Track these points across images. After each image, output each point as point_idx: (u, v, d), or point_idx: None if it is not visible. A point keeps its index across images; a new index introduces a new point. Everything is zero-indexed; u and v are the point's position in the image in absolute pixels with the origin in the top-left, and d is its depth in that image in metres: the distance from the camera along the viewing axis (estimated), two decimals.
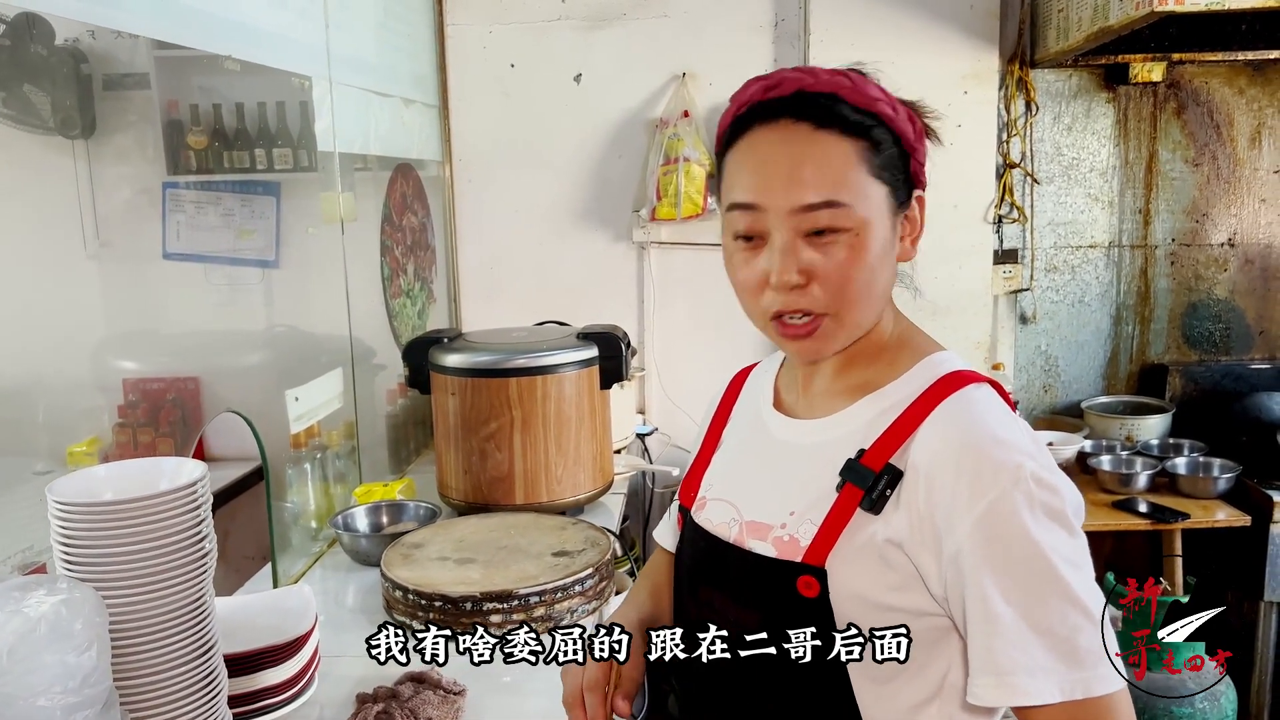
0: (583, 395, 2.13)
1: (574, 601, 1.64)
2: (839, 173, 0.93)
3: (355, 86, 2.32)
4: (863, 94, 0.96)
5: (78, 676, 0.84)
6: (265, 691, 1.35)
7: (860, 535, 0.93)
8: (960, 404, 0.94)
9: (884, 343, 1.03)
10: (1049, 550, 0.86)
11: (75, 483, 1.18)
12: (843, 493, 0.95)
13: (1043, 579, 0.86)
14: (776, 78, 0.97)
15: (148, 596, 1.11)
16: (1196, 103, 3.00)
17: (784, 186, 0.93)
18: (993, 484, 0.87)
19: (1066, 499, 0.89)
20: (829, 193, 0.93)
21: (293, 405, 1.96)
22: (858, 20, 2.87)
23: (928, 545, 0.90)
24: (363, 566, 1.96)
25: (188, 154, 2.83)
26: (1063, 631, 0.85)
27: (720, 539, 1.05)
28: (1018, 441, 0.90)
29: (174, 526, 1.13)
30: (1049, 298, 3.12)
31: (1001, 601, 0.85)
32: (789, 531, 0.98)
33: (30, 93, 2.62)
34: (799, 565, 0.95)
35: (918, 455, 0.92)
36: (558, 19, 3.00)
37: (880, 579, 0.92)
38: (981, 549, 0.86)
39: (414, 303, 2.77)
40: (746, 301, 1.00)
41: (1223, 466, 2.68)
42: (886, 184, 0.96)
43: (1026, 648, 0.85)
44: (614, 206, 3.07)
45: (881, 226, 0.95)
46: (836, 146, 0.94)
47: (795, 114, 0.95)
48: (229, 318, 2.96)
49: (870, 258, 0.94)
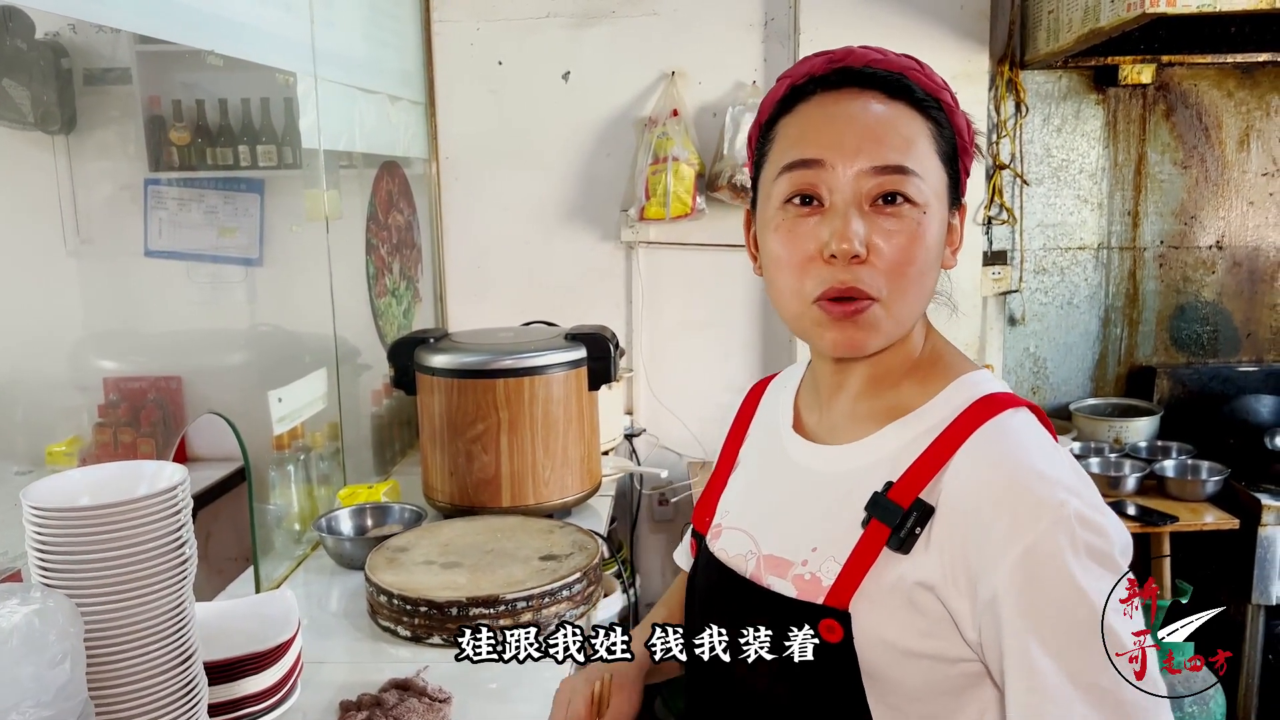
0: (571, 397, 2.11)
1: (562, 606, 1.62)
2: (912, 141, 0.88)
3: (340, 83, 2.29)
4: (930, 79, 0.92)
5: (51, 690, 0.81)
6: (246, 700, 1.32)
7: (887, 577, 0.86)
8: (997, 432, 0.87)
9: (914, 359, 0.96)
10: (1094, 596, 0.79)
11: (51, 487, 1.15)
12: (868, 529, 0.88)
13: (1087, 628, 0.78)
14: (843, 51, 0.92)
15: (126, 604, 1.08)
16: (1185, 105, 3.00)
17: (855, 143, 0.87)
18: (1033, 523, 0.80)
19: (1114, 540, 0.82)
20: (902, 158, 0.87)
21: (276, 406, 1.93)
22: (848, 19, 2.86)
23: (961, 588, 0.83)
24: (347, 570, 1.93)
25: (170, 150, 2.79)
26: (1107, 684, 0.78)
27: (736, 572, 0.98)
28: (1060, 476, 0.83)
29: (153, 532, 1.10)
30: (1038, 299, 3.11)
31: (1041, 652, 0.79)
32: (810, 569, 0.91)
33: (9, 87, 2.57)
34: (821, 608, 0.88)
35: (950, 490, 0.85)
36: (546, 16, 2.97)
37: (909, 624, 0.86)
38: (1020, 594, 0.80)
39: (399, 302, 2.74)
40: (786, 280, 0.91)
41: (1211, 469, 2.68)
42: (947, 173, 0.91)
43: (1069, 703, 0.78)
44: (602, 206, 3.05)
45: (940, 215, 0.90)
46: (909, 117, 0.89)
47: (864, 84, 0.90)
48: (211, 316, 2.92)
49: (930, 243, 0.88)
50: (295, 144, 2.67)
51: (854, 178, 0.87)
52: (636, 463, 2.94)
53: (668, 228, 2.94)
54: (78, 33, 2.73)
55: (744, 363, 3.01)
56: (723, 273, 3.01)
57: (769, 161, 0.94)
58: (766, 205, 0.93)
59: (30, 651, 0.80)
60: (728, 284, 3.01)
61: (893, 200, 0.87)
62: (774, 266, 0.92)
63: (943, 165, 0.91)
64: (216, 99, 2.78)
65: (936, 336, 0.99)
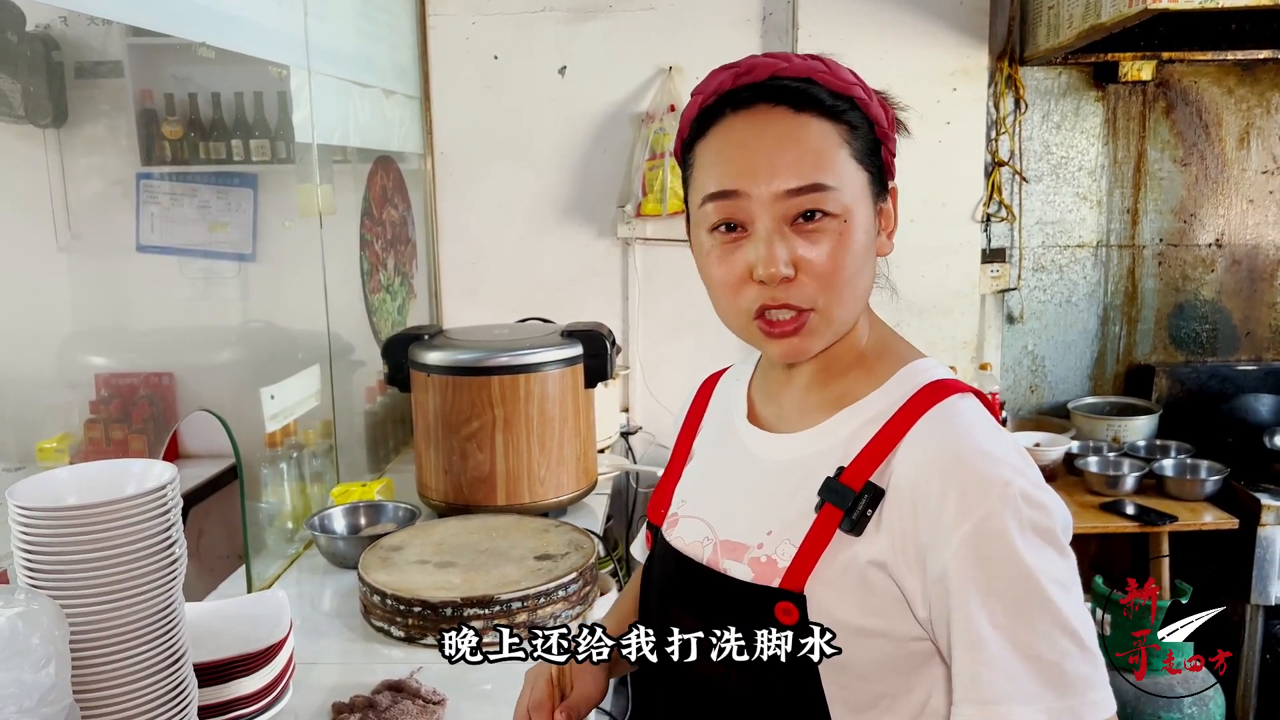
0: (566, 394, 2.09)
1: (557, 607, 1.60)
2: (823, 155, 0.89)
3: (334, 76, 2.27)
4: (838, 78, 0.92)
5: (35, 695, 0.79)
6: (237, 702, 1.30)
7: (841, 558, 0.88)
8: (944, 416, 0.89)
9: (861, 349, 0.98)
10: (1038, 572, 0.81)
11: (37, 485, 1.13)
12: (821, 513, 0.90)
13: (1031, 602, 0.81)
14: (747, 64, 0.92)
15: (114, 606, 1.06)
16: (1185, 102, 2.99)
17: (767, 170, 0.88)
18: (980, 502, 0.82)
19: (1056, 517, 0.85)
20: (815, 175, 0.88)
21: (268, 403, 1.91)
22: (846, 15, 2.84)
23: (911, 567, 0.86)
24: (340, 569, 1.91)
25: (162, 144, 2.77)
26: (1052, 657, 0.81)
27: (692, 559, 1.00)
28: (1005, 456, 0.86)
29: (142, 532, 1.08)
30: (1036, 297, 3.10)
31: (988, 625, 0.81)
32: (766, 552, 0.93)
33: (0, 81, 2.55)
34: (776, 590, 0.90)
35: (900, 472, 0.87)
36: (542, 10, 2.95)
37: (861, 603, 0.88)
38: (968, 570, 0.82)
39: (394, 298, 2.72)
40: (725, 301, 0.94)
41: (1210, 469, 2.66)
42: (866, 170, 0.92)
43: (1013, 675, 0.80)
44: (598, 202, 3.02)
45: (865, 215, 0.92)
46: (817, 129, 0.90)
47: (771, 99, 0.90)
48: (204, 312, 2.89)
49: (856, 247, 0.90)
50: (289, 138, 2.64)
51: (770, 202, 0.88)
52: (632, 460, 2.92)
53: (664, 224, 2.92)
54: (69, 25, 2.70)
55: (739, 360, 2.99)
56: None
57: (693, 186, 0.96)
58: (698, 228, 0.95)
59: (13, 655, 0.78)
60: None
61: (812, 216, 0.89)
62: (712, 287, 0.95)
63: (860, 165, 0.92)
64: (209, 93, 2.75)
65: (881, 326, 1.01)
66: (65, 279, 2.76)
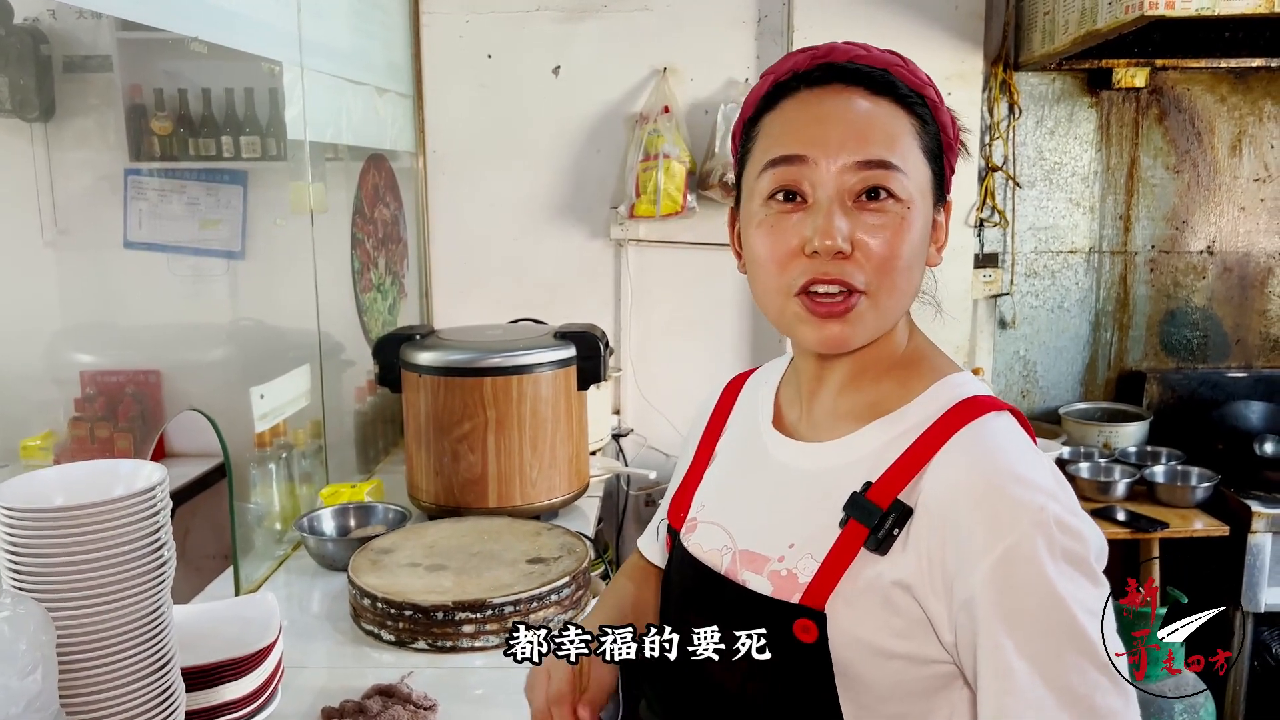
0: (559, 396, 2.08)
1: (550, 611, 1.59)
2: (896, 138, 0.88)
3: (327, 73, 2.24)
4: (915, 75, 0.92)
5: (21, 702, 0.77)
6: (225, 707, 1.28)
7: (864, 577, 0.86)
8: (978, 435, 0.87)
9: (896, 357, 0.95)
10: (1070, 600, 0.79)
11: (23, 486, 1.10)
12: (846, 529, 0.87)
13: (1062, 632, 0.79)
14: (826, 47, 0.92)
15: (101, 609, 1.04)
16: (1179, 109, 2.99)
17: (840, 138, 0.87)
18: (1012, 527, 0.80)
19: (1090, 544, 0.82)
20: (886, 153, 0.87)
21: (258, 403, 1.89)
22: (841, 18, 2.83)
23: (938, 590, 0.83)
24: (329, 571, 1.89)
25: (151, 140, 2.73)
26: (1081, 690, 0.78)
27: (711, 569, 0.97)
28: (1040, 480, 0.83)
29: (130, 534, 1.06)
30: (1029, 303, 3.10)
31: (1016, 654, 0.79)
32: (787, 566, 0.90)
33: None
34: (797, 607, 0.88)
35: (930, 491, 0.85)
36: (536, 10, 2.93)
37: (884, 624, 0.85)
38: (997, 597, 0.80)
39: (385, 298, 2.70)
40: (768, 275, 0.91)
41: (1201, 475, 2.67)
42: (931, 168, 0.91)
43: (1041, 706, 0.78)
44: (592, 202, 3.01)
45: (925, 210, 0.90)
46: (893, 113, 0.89)
47: (848, 80, 0.90)
48: (192, 310, 2.86)
49: (914, 237, 0.88)
50: (280, 135, 2.62)
51: (837, 173, 0.87)
52: (624, 463, 2.91)
53: (658, 225, 2.91)
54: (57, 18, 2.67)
55: (733, 363, 2.98)
56: (713, 272, 2.97)
57: (752, 158, 0.94)
58: (750, 201, 0.93)
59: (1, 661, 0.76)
60: (718, 283, 2.98)
61: (876, 195, 0.87)
62: (757, 262, 0.92)
63: (927, 162, 0.90)
64: (200, 88, 2.72)
65: (920, 336, 0.99)
66: (51, 275, 2.73)
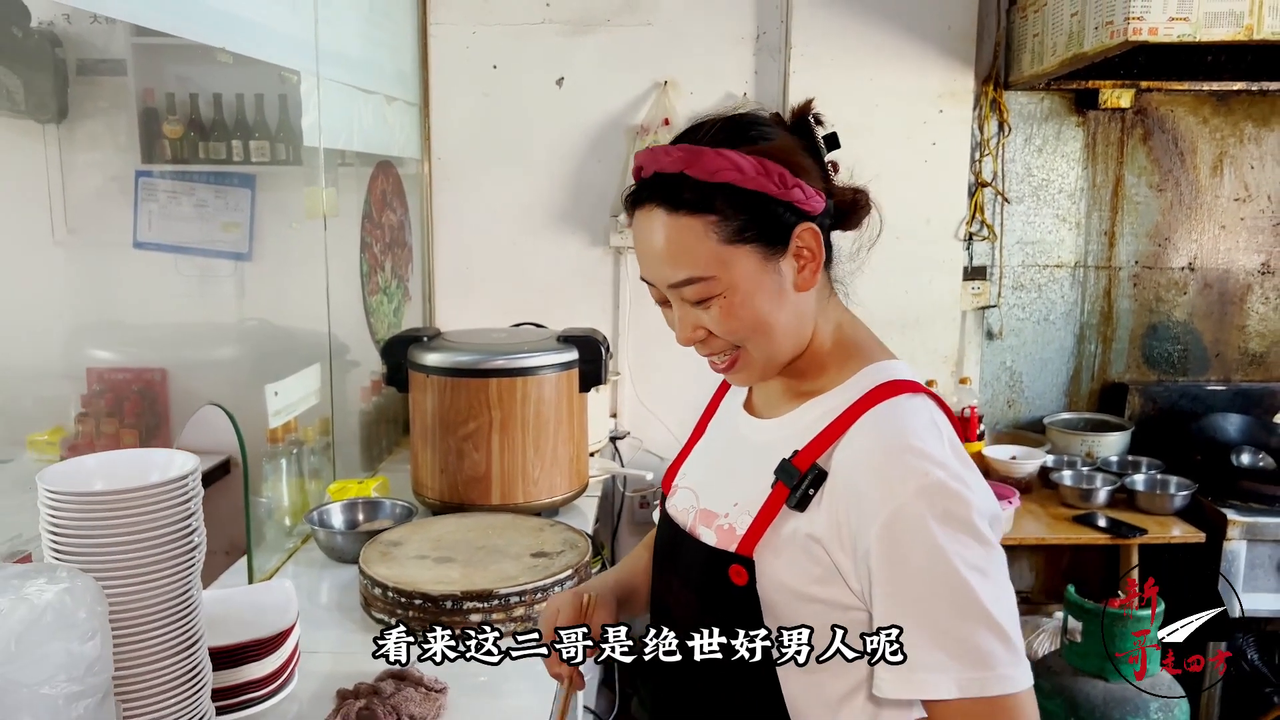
0: (562, 398, 2.15)
1: None
2: (693, 250, 1.00)
3: (341, 82, 2.31)
4: (705, 168, 0.99)
5: (81, 665, 0.83)
6: (247, 686, 1.34)
7: (785, 530, 1.00)
8: (887, 411, 0.99)
9: (824, 354, 1.09)
10: (952, 555, 0.90)
11: (66, 471, 1.17)
12: (774, 489, 1.01)
13: (945, 583, 0.91)
14: (641, 159, 1.05)
15: (137, 587, 1.10)
16: (1162, 130, 3.09)
17: (656, 267, 1.04)
18: (900, 490, 0.92)
19: (974, 507, 0.93)
20: (688, 270, 1.01)
21: (272, 399, 1.95)
22: (838, 37, 2.92)
23: (844, 545, 0.96)
24: (337, 563, 1.95)
25: (163, 143, 2.80)
26: (961, 634, 0.90)
27: (679, 526, 1.13)
28: (931, 451, 0.95)
29: (166, 518, 1.13)
30: (1015, 315, 3.18)
31: (905, 601, 0.92)
32: (729, 521, 1.05)
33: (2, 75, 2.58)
34: (731, 555, 1.02)
35: (840, 458, 0.98)
36: (541, 22, 3.01)
37: (804, 571, 0.99)
38: (887, 552, 0.92)
39: (390, 300, 2.76)
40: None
41: (1179, 484, 2.75)
42: (747, 243, 1.00)
43: (927, 647, 0.90)
44: (591, 210, 3.08)
45: (753, 281, 1.01)
46: (688, 226, 1.00)
47: (653, 198, 1.03)
48: (199, 310, 2.93)
49: (752, 308, 1.02)
50: (288, 140, 2.68)
51: (667, 290, 1.05)
52: (621, 465, 2.98)
53: None
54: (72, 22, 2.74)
55: None
56: None
57: None
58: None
59: (62, 628, 0.83)
60: None
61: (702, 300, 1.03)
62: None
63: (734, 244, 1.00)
64: (211, 93, 2.79)
65: (851, 327, 1.12)
66: (60, 273, 2.79)
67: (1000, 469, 2.86)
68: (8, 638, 0.79)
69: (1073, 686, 2.26)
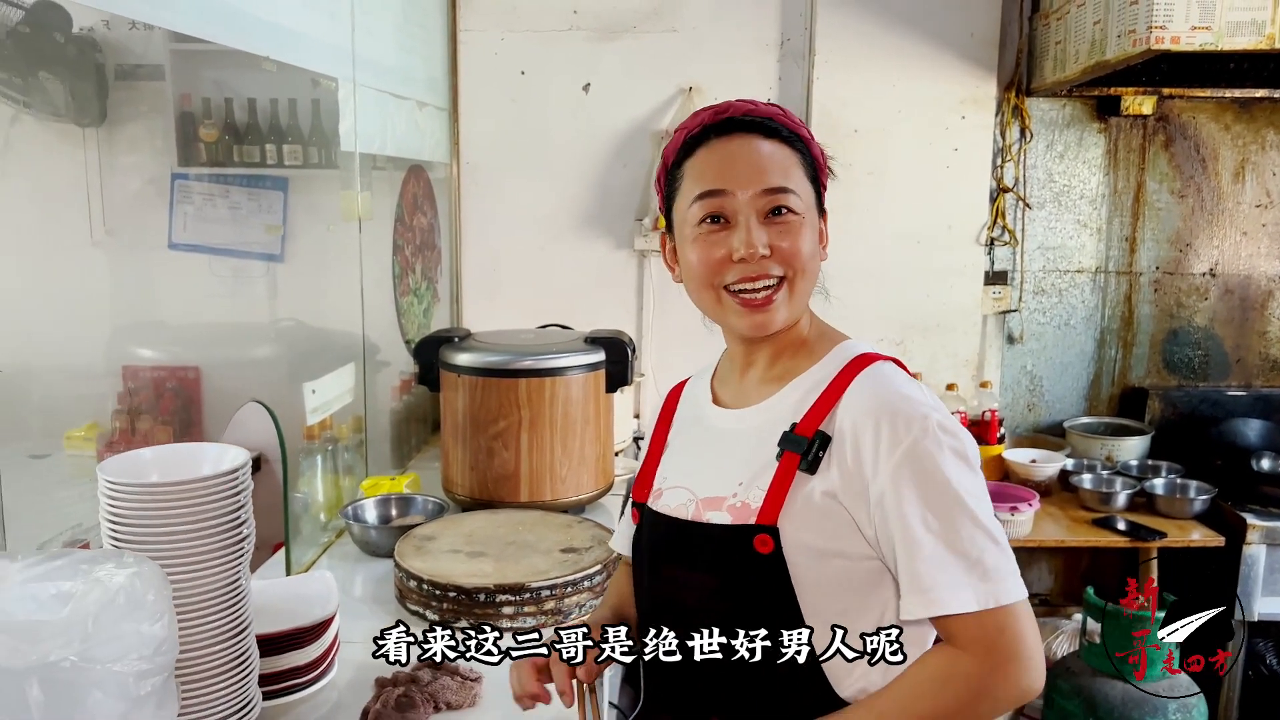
0: (589, 398, 2.19)
1: (583, 596, 1.70)
2: (787, 169, 1.15)
3: (376, 88, 2.37)
4: (792, 120, 1.19)
5: (150, 645, 0.88)
6: (290, 672, 1.39)
7: (801, 493, 1.09)
8: (872, 375, 1.13)
9: (804, 337, 1.21)
10: (957, 485, 1.03)
11: (124, 463, 1.22)
12: (783, 460, 1.11)
13: (955, 509, 1.03)
14: (724, 105, 1.18)
15: (191, 575, 1.16)
16: (1184, 136, 3.11)
17: (749, 174, 1.13)
18: (906, 432, 1.04)
19: (967, 443, 1.08)
20: (783, 181, 1.14)
21: (310, 397, 2.00)
22: (861, 43, 2.95)
23: (858, 494, 1.07)
24: (371, 557, 2.00)
25: (198, 146, 2.87)
26: (974, 553, 1.02)
27: (678, 518, 1.19)
28: (922, 398, 1.09)
29: (219, 509, 1.18)
30: (1036, 319, 3.21)
31: (922, 529, 1.02)
32: (740, 499, 1.13)
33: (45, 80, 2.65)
34: (754, 526, 1.09)
35: (842, 420, 1.09)
36: (569, 29, 3.06)
37: (822, 529, 1.08)
38: (902, 487, 1.03)
39: (420, 301, 2.82)
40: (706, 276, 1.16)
41: (1199, 488, 2.77)
42: (813, 188, 1.18)
43: (945, 567, 1.02)
44: (616, 214, 3.13)
45: (813, 220, 1.17)
46: (781, 150, 1.16)
47: (745, 129, 1.15)
48: (232, 310, 2.99)
49: (810, 238, 1.15)
50: (321, 144, 2.74)
51: (750, 199, 1.13)
52: None
53: None
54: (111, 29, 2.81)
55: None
56: None
57: (681, 194, 1.18)
58: (684, 227, 1.18)
59: (133, 609, 0.88)
60: None
61: (779, 212, 1.14)
62: (693, 270, 1.17)
63: (810, 184, 1.17)
64: (245, 98, 2.85)
65: (818, 321, 1.25)
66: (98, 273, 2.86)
67: (1020, 472, 2.89)
68: (85, 618, 0.84)
69: (1091, 687, 2.28)
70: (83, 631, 0.83)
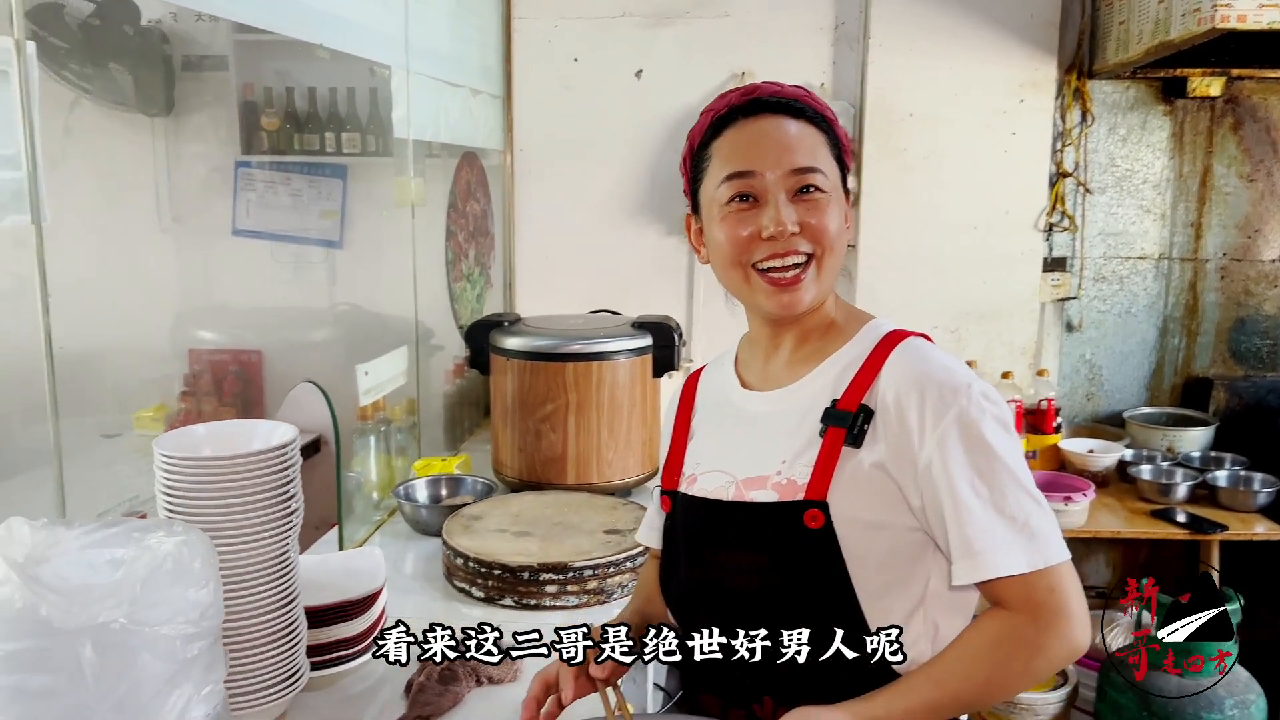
0: (635, 382, 2.21)
1: (624, 576, 1.72)
2: (814, 148, 1.16)
3: (429, 76, 2.41)
4: (819, 102, 1.20)
5: (196, 610, 0.92)
6: (338, 644, 1.43)
7: (848, 467, 1.10)
8: (908, 349, 1.14)
9: (831, 318, 1.22)
10: (1001, 451, 1.06)
11: (179, 438, 1.27)
12: (827, 436, 1.12)
13: (1001, 475, 1.05)
14: (750, 87, 1.19)
15: (241, 545, 1.20)
16: (1254, 119, 3.01)
17: (777, 154, 1.14)
18: (952, 402, 1.07)
19: (1007, 410, 1.11)
20: (811, 160, 1.15)
21: (362, 379, 2.05)
22: (917, 26, 2.91)
23: (905, 465, 1.08)
24: (421, 536, 2.05)
25: (260, 135, 2.94)
26: (1021, 516, 1.04)
27: (719, 500, 1.19)
28: (961, 370, 1.12)
29: (268, 483, 1.22)
30: (1096, 307, 3.14)
31: (971, 495, 1.04)
32: (785, 476, 1.14)
33: (115, 71, 2.74)
34: (804, 502, 1.10)
35: (884, 394, 1.11)
36: (621, 15, 3.07)
37: (869, 502, 1.09)
38: (949, 455, 1.05)
39: (473, 287, 2.86)
40: (734, 255, 1.16)
41: (1264, 480, 2.70)
42: (839, 169, 1.19)
43: (994, 530, 1.04)
44: (668, 201, 3.14)
45: (840, 200, 1.18)
46: (808, 130, 1.17)
47: (773, 110, 1.16)
48: (293, 294, 3.07)
49: (838, 216, 1.16)
50: (379, 132, 2.80)
51: (779, 179, 1.14)
52: None
53: None
54: (178, 20, 2.89)
55: None
56: None
57: (708, 175, 1.19)
58: (711, 207, 1.19)
59: (180, 575, 0.92)
60: None
61: (807, 190, 1.15)
62: (721, 249, 1.18)
63: (835, 164, 1.18)
64: (305, 87, 2.92)
65: (843, 303, 1.26)
66: (166, 259, 2.95)
67: (1076, 462, 2.84)
68: (134, 583, 0.88)
69: (1146, 680, 2.24)
70: (131, 594, 0.87)
